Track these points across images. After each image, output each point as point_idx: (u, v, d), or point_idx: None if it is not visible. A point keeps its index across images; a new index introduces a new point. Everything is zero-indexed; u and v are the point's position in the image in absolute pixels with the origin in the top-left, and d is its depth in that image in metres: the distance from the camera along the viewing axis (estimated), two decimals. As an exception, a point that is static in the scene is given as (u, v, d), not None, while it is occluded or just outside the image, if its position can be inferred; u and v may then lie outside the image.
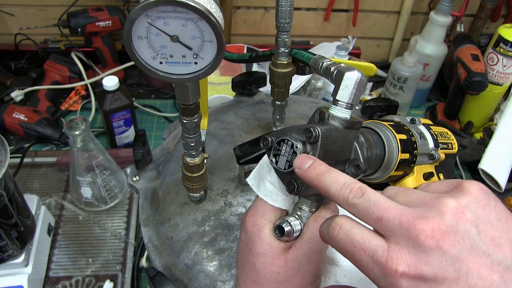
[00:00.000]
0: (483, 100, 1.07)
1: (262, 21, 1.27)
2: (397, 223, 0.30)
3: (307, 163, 0.36)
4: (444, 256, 0.28)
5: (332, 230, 0.33)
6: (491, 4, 1.16)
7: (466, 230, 0.29)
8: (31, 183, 0.95)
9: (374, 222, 0.31)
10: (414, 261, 0.29)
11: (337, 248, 0.33)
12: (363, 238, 0.31)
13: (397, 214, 0.30)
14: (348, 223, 0.33)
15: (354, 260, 0.32)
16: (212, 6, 0.37)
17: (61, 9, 1.11)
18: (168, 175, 0.64)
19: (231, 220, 0.56)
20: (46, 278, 0.80)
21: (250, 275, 0.41)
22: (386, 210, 0.31)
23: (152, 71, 0.39)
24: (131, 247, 0.85)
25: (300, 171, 0.36)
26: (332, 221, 0.34)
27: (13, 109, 1.05)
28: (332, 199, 0.34)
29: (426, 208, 0.30)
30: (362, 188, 0.32)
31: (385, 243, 0.30)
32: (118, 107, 0.99)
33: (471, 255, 0.28)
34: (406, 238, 0.29)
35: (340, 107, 0.39)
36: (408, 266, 0.29)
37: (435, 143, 0.54)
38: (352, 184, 0.33)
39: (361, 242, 0.31)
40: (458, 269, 0.28)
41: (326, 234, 0.34)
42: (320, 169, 0.35)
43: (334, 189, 0.34)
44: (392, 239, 0.30)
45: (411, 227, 0.29)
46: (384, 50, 1.36)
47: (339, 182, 0.34)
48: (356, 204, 0.32)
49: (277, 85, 0.59)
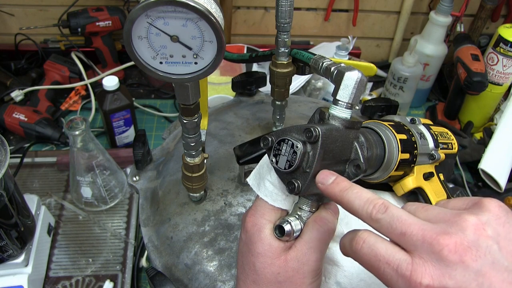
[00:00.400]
0: (483, 100, 1.07)
1: (262, 21, 1.27)
2: (420, 238, 0.31)
3: (330, 179, 0.37)
4: (467, 271, 0.29)
5: (356, 244, 0.34)
6: (491, 4, 1.16)
7: (488, 245, 0.30)
8: (31, 183, 0.95)
9: (397, 236, 0.32)
10: (438, 274, 0.30)
11: (360, 261, 0.34)
12: (387, 252, 0.32)
13: (420, 229, 0.31)
14: (371, 237, 0.34)
15: (378, 273, 0.33)
16: (212, 6, 0.37)
17: (61, 9, 1.11)
18: (168, 175, 0.64)
19: (231, 220, 0.56)
20: (46, 278, 0.80)
21: (250, 275, 0.41)
22: (409, 225, 0.32)
23: (152, 71, 0.39)
24: (131, 247, 0.85)
25: (323, 186, 0.37)
26: (354, 235, 0.34)
27: (13, 109, 1.05)
28: (355, 214, 0.35)
29: (447, 224, 0.32)
30: (385, 204, 0.33)
31: (409, 257, 0.31)
32: (118, 107, 0.99)
33: (493, 270, 0.30)
34: (430, 253, 0.30)
35: (340, 107, 0.39)
36: (432, 279, 0.30)
37: (435, 143, 0.54)
38: (375, 200, 0.34)
39: (385, 256, 0.32)
40: (480, 283, 0.29)
41: (348, 247, 0.35)
42: (343, 185, 0.36)
43: (358, 205, 0.34)
44: (415, 253, 0.31)
45: (434, 242, 0.30)
46: (384, 50, 1.36)
47: (362, 197, 0.35)
48: (379, 220, 0.33)
49: (277, 85, 0.59)
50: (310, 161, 0.37)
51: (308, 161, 0.38)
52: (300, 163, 0.38)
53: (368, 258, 0.33)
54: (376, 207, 0.33)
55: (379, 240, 0.33)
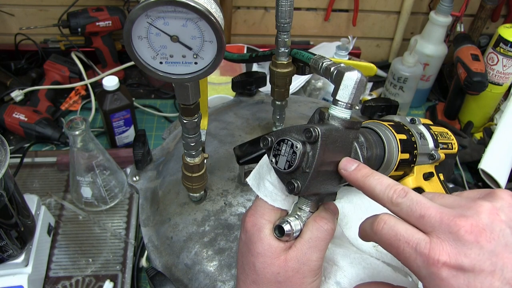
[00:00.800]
0: (483, 100, 1.07)
1: (262, 21, 1.27)
2: (438, 219, 0.33)
3: (353, 166, 0.39)
4: (482, 250, 0.31)
5: (377, 225, 0.36)
6: (491, 4, 1.16)
7: (501, 229, 0.32)
8: (31, 183, 0.95)
9: (416, 219, 0.34)
10: (455, 253, 0.32)
11: (380, 241, 0.36)
12: (407, 232, 0.34)
13: (438, 212, 0.34)
14: (392, 219, 0.36)
15: (397, 252, 0.35)
16: (212, 6, 0.37)
17: (61, 9, 1.11)
18: (168, 175, 0.64)
19: (231, 220, 0.56)
20: (46, 278, 0.80)
21: (250, 275, 0.41)
22: (428, 209, 0.34)
23: (152, 71, 0.39)
24: (131, 247, 0.85)
25: (345, 172, 0.39)
26: (375, 217, 0.37)
27: (13, 109, 1.05)
28: (376, 199, 0.37)
29: (463, 209, 0.34)
30: (405, 189, 0.36)
31: (427, 237, 0.33)
32: (118, 107, 0.99)
33: (506, 252, 0.32)
34: (447, 233, 0.33)
35: (340, 107, 0.39)
36: (449, 257, 0.32)
37: (435, 143, 0.54)
38: (395, 185, 0.36)
39: (405, 236, 0.34)
40: (494, 263, 0.31)
41: (369, 229, 0.37)
42: (365, 171, 0.38)
43: (379, 190, 0.37)
44: (433, 233, 0.33)
45: (452, 223, 0.32)
46: (384, 50, 1.36)
47: (383, 183, 0.37)
48: (399, 203, 0.35)
49: (277, 85, 0.59)
50: (309, 161, 0.37)
51: (308, 161, 0.38)
52: (300, 163, 0.38)
53: (388, 237, 0.35)
54: (396, 192, 0.35)
55: (399, 222, 0.35)
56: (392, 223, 0.35)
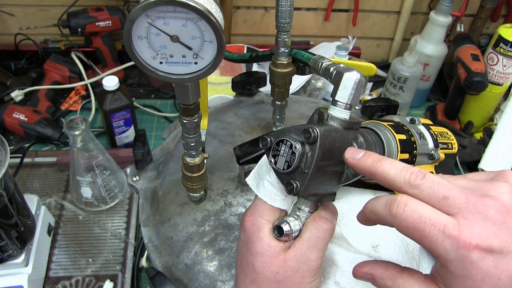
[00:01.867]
0: (483, 100, 1.07)
1: (262, 21, 1.27)
2: (464, 200, 0.32)
3: (360, 153, 0.38)
4: (510, 231, 0.31)
5: (398, 208, 0.33)
6: (491, 4, 1.16)
7: None
8: (31, 183, 0.95)
9: (439, 201, 0.32)
10: (486, 233, 0.31)
11: (400, 225, 0.33)
12: (432, 214, 0.32)
13: (462, 193, 0.32)
14: (413, 201, 0.33)
15: (422, 235, 0.32)
16: (212, 6, 0.37)
17: (61, 9, 1.11)
18: (168, 175, 0.64)
19: (231, 220, 0.56)
20: (46, 278, 0.80)
21: (249, 275, 0.41)
22: (452, 190, 0.32)
23: (152, 71, 0.39)
24: (131, 247, 0.86)
25: (353, 160, 0.38)
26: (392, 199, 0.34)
27: (13, 109, 1.05)
28: (391, 183, 0.35)
29: (484, 190, 0.33)
30: (421, 171, 0.34)
31: (454, 219, 0.32)
32: (118, 107, 0.99)
33: None
34: (475, 213, 0.31)
35: (339, 108, 0.39)
36: (480, 238, 0.30)
37: (434, 143, 0.54)
38: (411, 167, 0.34)
39: (430, 218, 0.32)
40: None
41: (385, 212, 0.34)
42: (374, 156, 0.37)
43: (394, 173, 0.35)
44: (459, 215, 0.32)
45: (480, 203, 0.31)
46: (384, 50, 1.36)
47: (397, 166, 0.35)
48: (419, 185, 0.33)
49: (277, 85, 0.59)
50: (308, 162, 0.37)
51: (307, 161, 0.38)
52: (299, 163, 0.38)
53: (412, 220, 0.32)
54: (414, 173, 0.34)
55: (421, 204, 0.33)
56: (414, 205, 0.33)
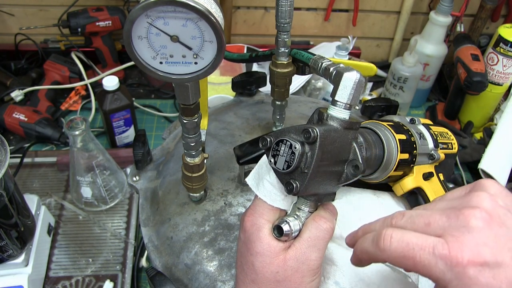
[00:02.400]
0: (483, 100, 1.07)
1: (262, 21, 1.27)
2: (445, 219, 0.32)
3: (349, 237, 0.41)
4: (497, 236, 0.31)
5: (385, 241, 0.34)
6: (491, 4, 1.16)
7: (504, 213, 0.32)
8: (31, 183, 0.95)
9: (422, 229, 0.33)
10: (476, 246, 0.30)
11: (391, 257, 0.34)
12: (418, 239, 0.32)
13: (442, 214, 0.33)
14: (398, 231, 0.34)
15: (414, 262, 0.32)
16: (212, 6, 0.37)
17: (61, 9, 1.11)
18: (168, 175, 0.64)
19: (231, 220, 0.56)
20: (46, 278, 0.80)
21: (249, 275, 0.41)
22: (431, 215, 0.33)
23: (152, 71, 0.39)
24: (131, 247, 0.86)
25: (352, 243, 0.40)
26: (377, 235, 0.35)
27: (13, 109, 1.05)
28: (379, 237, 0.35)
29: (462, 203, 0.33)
30: (401, 212, 0.36)
31: (441, 238, 0.32)
32: (118, 107, 0.99)
33: None
34: (460, 228, 0.31)
35: (339, 108, 0.39)
36: (472, 253, 0.30)
37: (434, 143, 0.55)
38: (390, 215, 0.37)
39: (417, 243, 0.32)
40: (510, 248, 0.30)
41: (373, 249, 0.35)
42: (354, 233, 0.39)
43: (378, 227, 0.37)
44: (445, 234, 0.32)
45: (461, 217, 0.32)
46: (384, 50, 1.36)
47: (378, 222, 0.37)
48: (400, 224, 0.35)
49: (277, 85, 0.59)
50: (308, 162, 0.38)
51: (307, 161, 0.38)
52: (298, 163, 0.38)
53: (400, 250, 0.33)
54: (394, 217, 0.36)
55: (405, 232, 0.33)
56: (399, 235, 0.33)
